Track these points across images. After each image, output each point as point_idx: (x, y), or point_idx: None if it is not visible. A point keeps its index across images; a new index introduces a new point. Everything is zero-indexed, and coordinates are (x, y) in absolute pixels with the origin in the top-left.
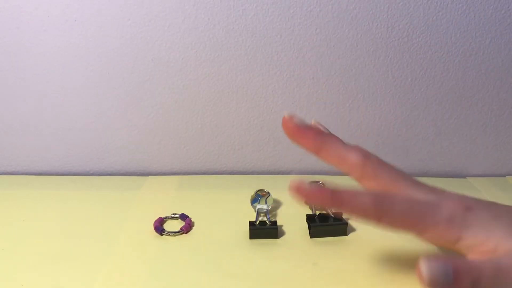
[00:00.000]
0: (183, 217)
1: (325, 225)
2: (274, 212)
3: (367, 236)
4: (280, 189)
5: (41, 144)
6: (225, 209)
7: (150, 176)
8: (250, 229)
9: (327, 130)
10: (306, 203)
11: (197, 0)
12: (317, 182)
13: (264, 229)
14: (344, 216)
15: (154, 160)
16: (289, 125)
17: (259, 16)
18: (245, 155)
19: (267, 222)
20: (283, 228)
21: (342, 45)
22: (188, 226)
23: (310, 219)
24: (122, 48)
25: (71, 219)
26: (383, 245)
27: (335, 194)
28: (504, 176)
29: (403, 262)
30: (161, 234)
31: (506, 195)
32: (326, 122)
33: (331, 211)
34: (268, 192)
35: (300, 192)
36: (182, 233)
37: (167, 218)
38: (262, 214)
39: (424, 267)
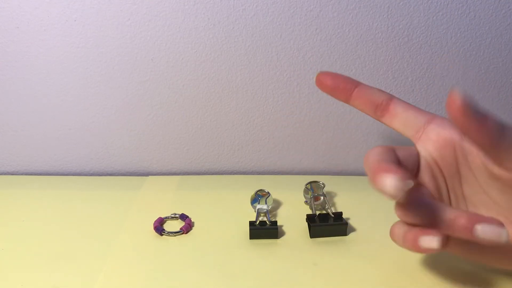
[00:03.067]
0: (183, 217)
1: (325, 225)
2: (274, 212)
3: (367, 236)
4: (280, 189)
5: (41, 144)
6: (225, 209)
7: (150, 176)
8: (250, 229)
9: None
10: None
11: (197, 0)
12: (317, 182)
13: (264, 229)
14: (344, 216)
15: (154, 160)
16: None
17: (259, 16)
18: (245, 155)
19: (267, 222)
20: (283, 228)
21: (342, 45)
22: (188, 226)
23: (310, 219)
24: (122, 48)
25: (71, 219)
26: (383, 245)
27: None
28: None
29: (403, 262)
30: (161, 234)
31: None
32: (326, 121)
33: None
34: (268, 192)
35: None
36: (182, 233)
37: (167, 218)
38: (262, 214)
39: (458, 93)
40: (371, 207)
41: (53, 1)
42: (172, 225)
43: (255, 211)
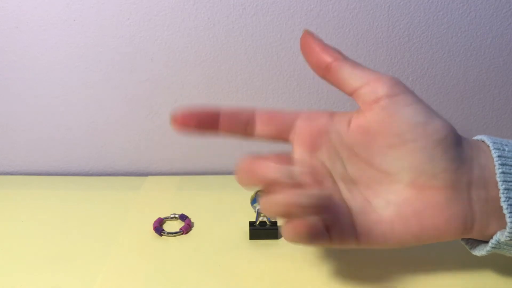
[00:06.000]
0: (183, 217)
1: None
2: None
3: None
4: None
5: (41, 144)
6: (225, 209)
7: (149, 176)
8: (250, 229)
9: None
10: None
11: (197, 0)
12: None
13: (264, 230)
14: None
15: (154, 160)
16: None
17: (259, 16)
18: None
19: (267, 222)
20: None
21: (342, 45)
22: (187, 226)
23: None
24: (121, 48)
25: (70, 219)
26: None
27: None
28: None
29: (403, 262)
30: (161, 235)
31: None
32: None
33: None
34: None
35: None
36: (182, 234)
37: (166, 218)
38: (262, 215)
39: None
40: None
41: (53, 1)
42: (172, 226)
43: (255, 211)
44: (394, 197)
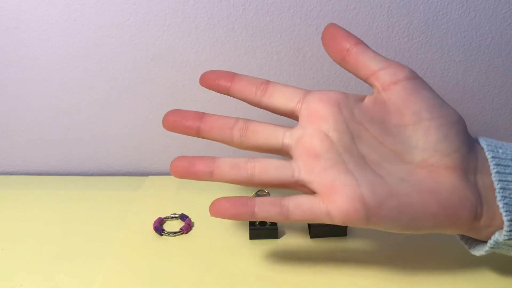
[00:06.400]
0: (183, 217)
1: (325, 225)
2: None
3: (367, 236)
4: (280, 189)
5: (41, 144)
6: None
7: (150, 176)
8: (250, 229)
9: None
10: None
11: (197, 0)
12: None
13: (264, 229)
14: None
15: (154, 160)
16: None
17: (259, 16)
18: (245, 155)
19: (267, 222)
20: (283, 228)
21: None
22: (187, 226)
23: None
24: (121, 48)
25: (70, 219)
26: (383, 245)
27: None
28: None
29: (403, 262)
30: (161, 235)
31: None
32: None
33: None
34: (268, 192)
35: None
36: (182, 234)
37: (166, 218)
38: None
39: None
40: None
41: (53, 1)
42: (172, 225)
43: None
44: (407, 176)
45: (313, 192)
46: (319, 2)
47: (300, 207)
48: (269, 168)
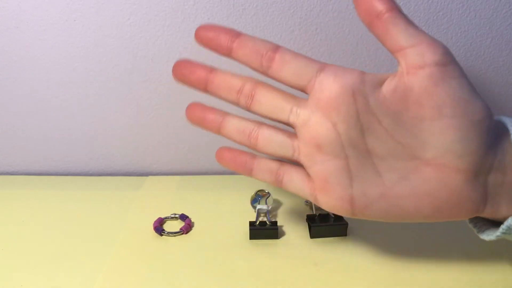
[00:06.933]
0: (183, 217)
1: (325, 225)
2: (274, 213)
3: (367, 236)
4: (280, 189)
5: (41, 144)
6: (225, 209)
7: (150, 176)
8: (250, 229)
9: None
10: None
11: (197, 0)
12: None
13: (264, 230)
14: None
15: (154, 160)
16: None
17: (259, 16)
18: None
19: (267, 222)
20: (283, 228)
21: (342, 45)
22: (188, 226)
23: (310, 219)
24: (121, 48)
25: (70, 219)
26: (383, 245)
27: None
28: None
29: (403, 262)
30: (161, 235)
31: None
32: None
33: None
34: (268, 192)
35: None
36: (182, 234)
37: (166, 218)
38: (262, 215)
39: None
40: None
41: (53, 1)
42: (172, 225)
43: (255, 211)
44: (410, 173)
45: (307, 173)
46: (319, 2)
47: (292, 184)
48: (271, 143)
